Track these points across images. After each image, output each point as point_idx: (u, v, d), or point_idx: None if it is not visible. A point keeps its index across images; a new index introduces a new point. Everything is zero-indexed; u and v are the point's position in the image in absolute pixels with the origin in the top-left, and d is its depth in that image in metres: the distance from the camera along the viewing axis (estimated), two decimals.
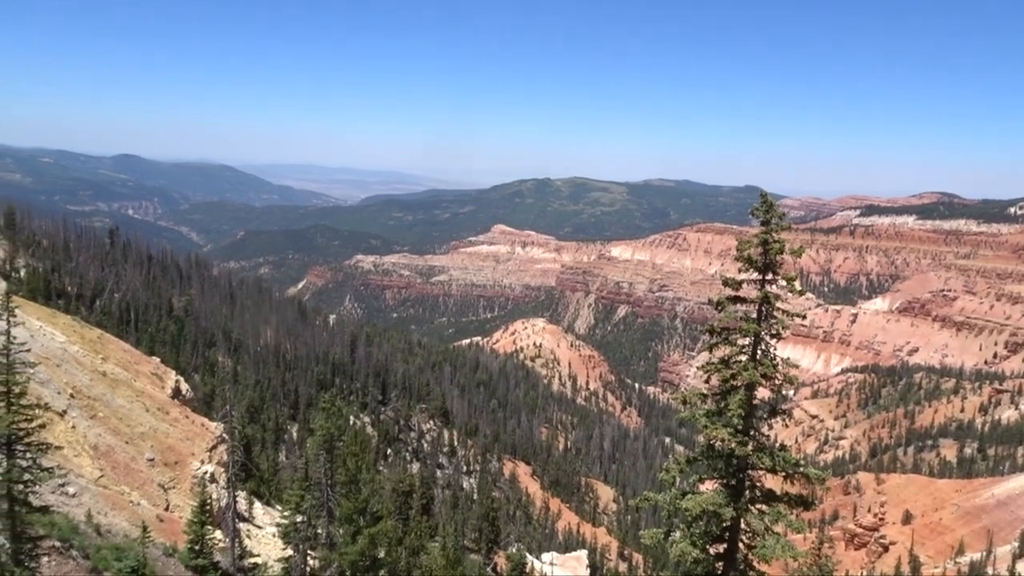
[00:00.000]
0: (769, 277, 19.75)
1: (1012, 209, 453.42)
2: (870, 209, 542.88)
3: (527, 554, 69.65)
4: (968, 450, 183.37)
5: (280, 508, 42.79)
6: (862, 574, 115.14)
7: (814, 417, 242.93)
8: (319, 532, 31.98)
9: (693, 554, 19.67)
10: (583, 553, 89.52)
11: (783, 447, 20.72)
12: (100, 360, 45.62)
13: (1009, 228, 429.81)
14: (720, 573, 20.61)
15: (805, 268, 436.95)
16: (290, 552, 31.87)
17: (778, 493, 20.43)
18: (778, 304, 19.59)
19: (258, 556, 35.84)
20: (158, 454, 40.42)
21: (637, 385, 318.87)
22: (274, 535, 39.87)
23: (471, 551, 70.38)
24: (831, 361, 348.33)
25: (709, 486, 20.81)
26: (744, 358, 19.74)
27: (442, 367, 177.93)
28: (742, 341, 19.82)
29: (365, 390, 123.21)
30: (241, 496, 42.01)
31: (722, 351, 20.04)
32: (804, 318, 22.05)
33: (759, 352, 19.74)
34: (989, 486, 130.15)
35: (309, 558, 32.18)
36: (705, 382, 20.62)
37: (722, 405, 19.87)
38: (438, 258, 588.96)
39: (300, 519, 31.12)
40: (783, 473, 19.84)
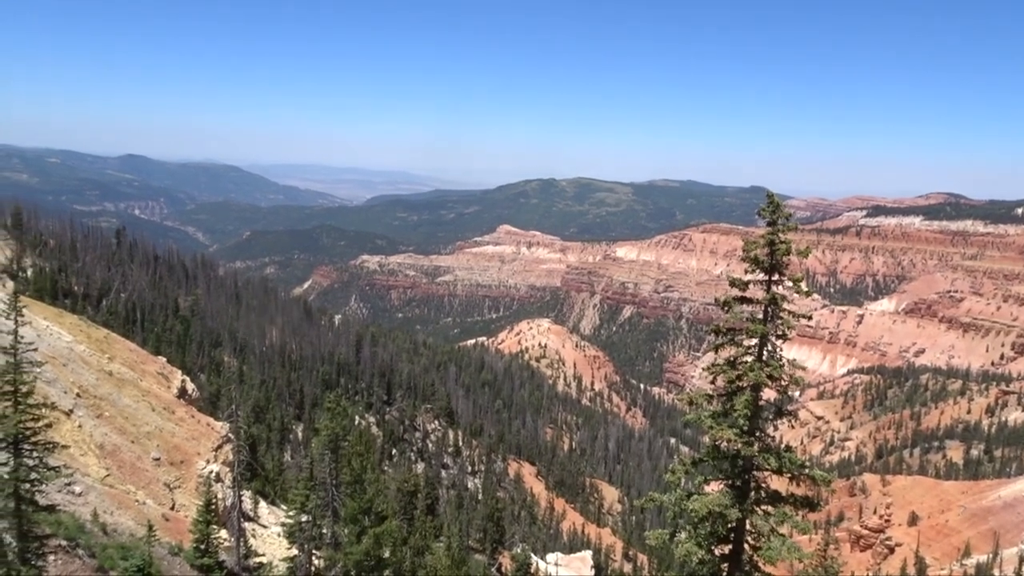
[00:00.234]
0: (776, 278, 19.70)
1: (1019, 210, 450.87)
2: (876, 210, 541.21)
3: (532, 554, 69.70)
4: (975, 452, 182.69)
5: (285, 508, 42.91)
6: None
7: (820, 418, 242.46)
8: (324, 532, 32.05)
9: (698, 555, 19.63)
10: (588, 554, 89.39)
11: (789, 448, 20.65)
12: (106, 360, 45.78)
13: (1016, 229, 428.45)
14: (725, 574, 20.56)
15: (811, 269, 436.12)
16: (295, 552, 31.95)
17: (784, 494, 20.36)
18: (784, 305, 19.54)
19: (263, 555, 35.88)
20: (164, 453, 40.52)
21: (642, 386, 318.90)
22: (279, 535, 39.90)
23: (476, 551, 70.41)
24: (837, 362, 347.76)
25: (715, 487, 20.76)
26: (750, 359, 19.68)
27: (447, 367, 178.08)
28: (748, 342, 19.75)
29: (370, 390, 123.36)
30: (246, 495, 42.07)
31: (728, 352, 19.97)
32: (810, 319, 21.97)
33: (765, 353, 19.68)
34: (996, 488, 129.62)
35: (314, 558, 32.24)
36: (711, 383, 20.57)
37: (728, 406, 19.82)
38: (443, 258, 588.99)
39: (305, 519, 31.20)
40: (789, 474, 19.76)
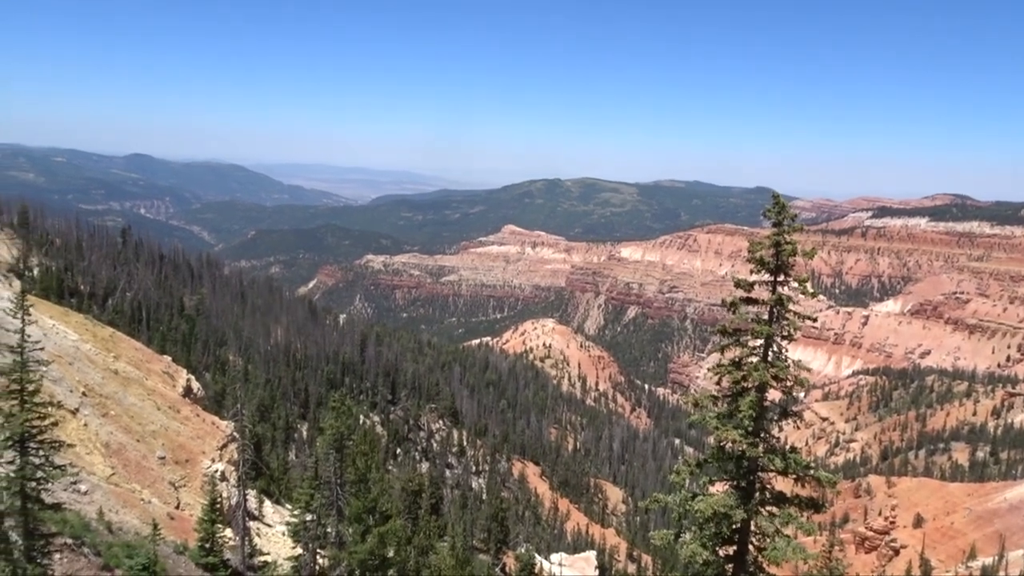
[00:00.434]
0: (781, 279, 19.67)
1: None
2: (882, 211, 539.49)
3: (536, 554, 69.70)
4: (980, 454, 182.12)
5: (290, 507, 42.90)
6: None
7: (825, 419, 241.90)
8: (328, 531, 32.10)
9: (703, 556, 19.62)
10: (592, 554, 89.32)
11: (794, 449, 20.62)
12: (112, 358, 45.92)
13: (1023, 230, 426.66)
14: (730, 575, 20.55)
15: (816, 270, 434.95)
16: (300, 550, 32.01)
17: (789, 495, 20.34)
18: (790, 306, 19.51)
19: (268, 554, 35.98)
20: (169, 452, 40.63)
21: (647, 386, 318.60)
22: (284, 533, 39.99)
23: (480, 551, 70.40)
24: (842, 363, 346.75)
25: (719, 488, 20.74)
26: (755, 360, 19.65)
27: (452, 367, 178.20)
28: (753, 343, 19.73)
29: (375, 390, 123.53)
30: (251, 494, 42.14)
31: (733, 352, 19.95)
32: (816, 320, 21.94)
33: (771, 354, 19.66)
34: (1001, 490, 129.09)
35: (319, 556, 32.30)
36: (716, 383, 20.54)
37: (733, 407, 19.80)
38: (448, 258, 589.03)
39: (310, 518, 31.27)
40: (794, 475, 19.75)
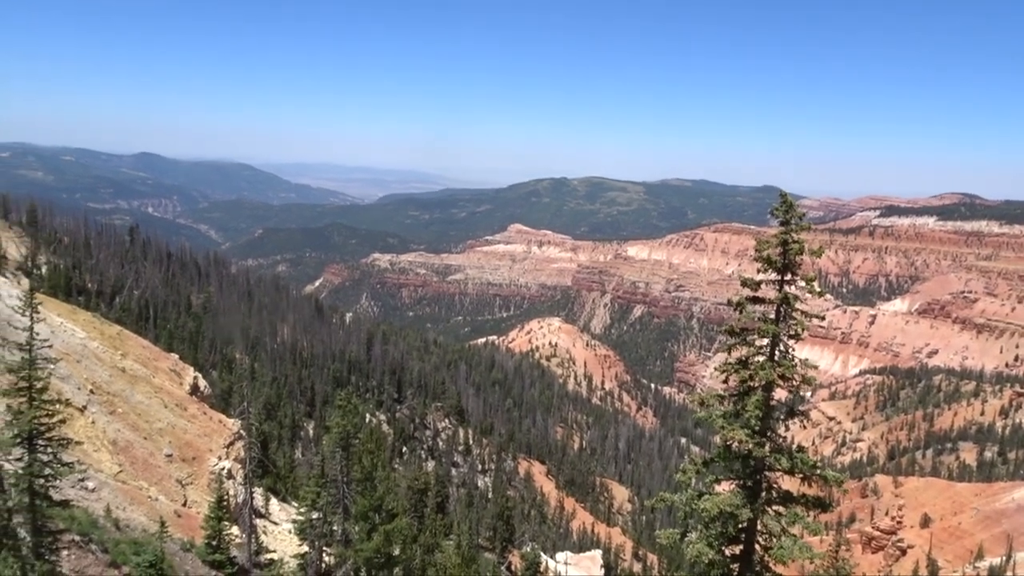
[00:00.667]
0: (788, 278, 19.60)
1: None
2: (890, 210, 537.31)
3: (541, 553, 69.65)
4: (988, 453, 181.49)
5: (296, 505, 43.06)
6: None
7: (831, 419, 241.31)
8: (335, 529, 32.15)
9: (709, 555, 19.58)
10: (597, 553, 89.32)
11: (800, 448, 20.57)
12: (119, 356, 46.10)
13: None
14: (736, 574, 20.51)
15: (823, 269, 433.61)
16: (306, 548, 32.11)
17: (795, 495, 20.29)
18: (797, 305, 19.45)
19: (274, 552, 36.02)
20: (176, 450, 40.77)
21: (653, 385, 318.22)
22: (290, 531, 40.06)
23: (485, 549, 70.47)
24: (849, 363, 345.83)
25: (726, 487, 20.69)
26: (762, 359, 19.60)
27: (458, 366, 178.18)
28: (760, 342, 19.67)
29: (381, 388, 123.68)
30: (258, 492, 42.23)
31: (740, 352, 19.89)
32: (823, 319, 21.86)
33: (777, 353, 19.60)
34: (1009, 490, 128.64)
35: (324, 554, 32.38)
36: (723, 383, 20.48)
37: (739, 406, 19.74)
38: (454, 257, 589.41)
39: (316, 516, 31.36)
40: (800, 475, 19.69)
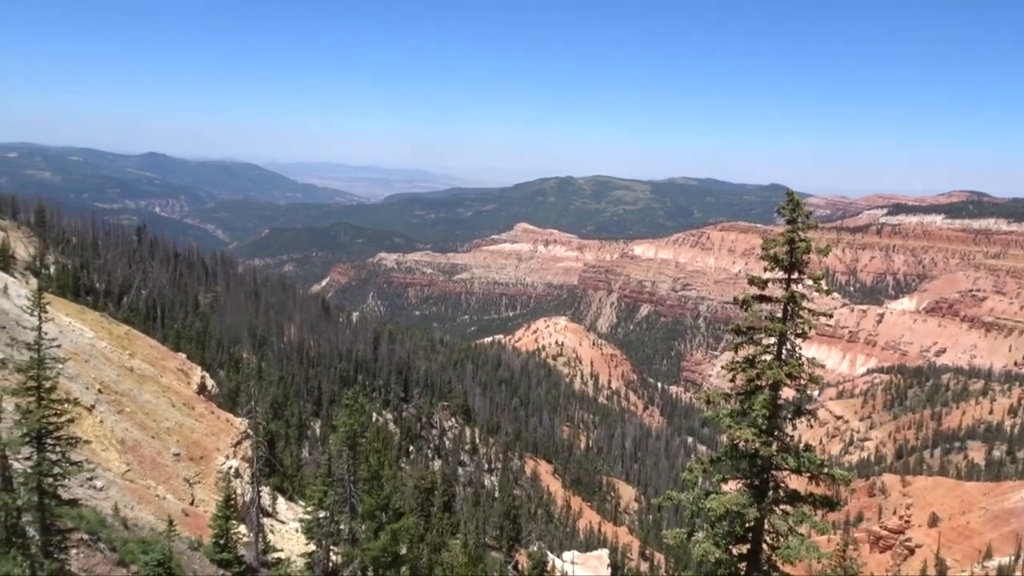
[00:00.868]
0: (795, 276, 19.55)
1: None
2: (897, 208, 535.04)
3: (548, 552, 69.65)
4: (997, 452, 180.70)
5: (303, 504, 43.07)
6: None
7: (839, 418, 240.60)
8: (341, 528, 32.19)
9: (716, 554, 19.55)
10: (604, 552, 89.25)
11: (808, 447, 20.51)
12: (127, 356, 46.27)
13: None
14: (743, 574, 20.46)
15: (831, 267, 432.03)
16: (313, 547, 32.15)
17: (803, 494, 20.24)
18: (804, 303, 19.39)
19: (281, 551, 36.15)
20: (184, 449, 40.91)
21: (659, 384, 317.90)
22: (297, 530, 40.19)
23: (492, 549, 70.51)
24: (856, 361, 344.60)
25: (732, 486, 20.65)
26: (769, 357, 19.55)
27: (464, 365, 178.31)
28: (767, 340, 19.63)
29: (388, 387, 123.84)
30: (265, 491, 42.37)
31: (747, 350, 19.85)
32: (830, 317, 21.81)
33: (784, 351, 19.55)
34: (1018, 489, 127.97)
35: (332, 553, 32.41)
36: (730, 381, 20.45)
37: (746, 405, 19.70)
38: (460, 256, 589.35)
39: (323, 515, 31.38)
40: (808, 474, 19.64)
